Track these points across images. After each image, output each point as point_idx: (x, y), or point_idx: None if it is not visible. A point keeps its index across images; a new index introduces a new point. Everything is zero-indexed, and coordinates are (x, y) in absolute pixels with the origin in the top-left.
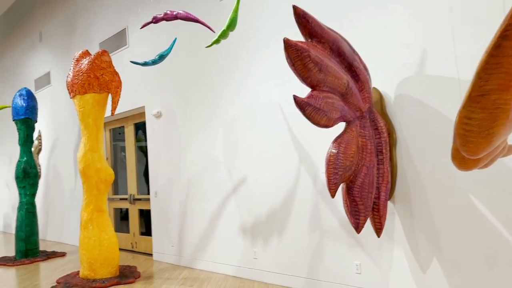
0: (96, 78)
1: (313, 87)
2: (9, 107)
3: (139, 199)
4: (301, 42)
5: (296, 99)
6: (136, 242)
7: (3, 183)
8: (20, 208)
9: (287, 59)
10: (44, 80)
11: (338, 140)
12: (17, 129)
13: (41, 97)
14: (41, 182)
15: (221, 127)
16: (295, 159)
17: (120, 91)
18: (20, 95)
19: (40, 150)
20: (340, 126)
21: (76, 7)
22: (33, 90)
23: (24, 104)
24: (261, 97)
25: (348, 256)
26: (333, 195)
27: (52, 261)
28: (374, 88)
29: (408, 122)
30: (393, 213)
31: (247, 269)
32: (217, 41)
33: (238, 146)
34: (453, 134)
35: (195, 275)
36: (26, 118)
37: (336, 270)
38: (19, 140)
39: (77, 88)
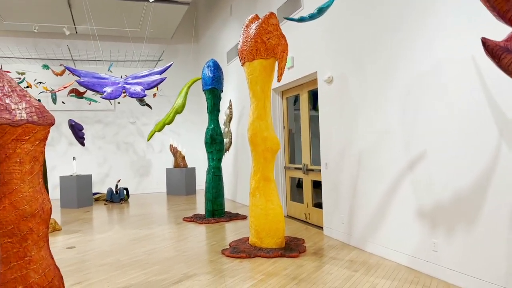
0: (263, 43)
1: None
2: (200, 79)
3: (312, 170)
4: None
5: (486, 43)
6: (309, 213)
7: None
8: (208, 172)
9: None
10: (233, 52)
11: None
12: (206, 98)
13: (231, 68)
14: (232, 148)
15: (398, 92)
16: (494, 132)
17: (287, 55)
18: (207, 66)
19: (231, 118)
20: None
21: None
22: (225, 62)
23: (210, 75)
24: (450, 54)
25: None
26: None
27: (233, 223)
28: None
29: None
30: None
31: (424, 261)
32: None
33: (418, 115)
34: None
35: (363, 258)
36: (212, 88)
37: None
38: (207, 108)
39: (246, 54)
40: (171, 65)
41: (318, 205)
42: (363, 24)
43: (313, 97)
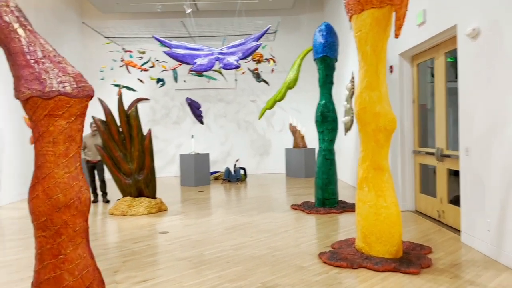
0: None
1: None
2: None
3: (449, 156)
4: None
5: None
6: (443, 211)
7: None
8: (318, 154)
9: None
10: None
11: None
12: (317, 69)
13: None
14: (354, 127)
15: None
16: None
17: (407, 1)
18: (319, 31)
19: (353, 93)
20: None
21: None
22: (347, 29)
23: (322, 41)
24: None
25: None
26: None
27: (346, 215)
28: None
29: None
30: None
31: None
32: None
33: None
34: None
35: None
36: (324, 56)
37: None
38: (318, 81)
39: (352, 4)
40: (268, 29)
41: (457, 200)
42: None
43: (454, 61)
